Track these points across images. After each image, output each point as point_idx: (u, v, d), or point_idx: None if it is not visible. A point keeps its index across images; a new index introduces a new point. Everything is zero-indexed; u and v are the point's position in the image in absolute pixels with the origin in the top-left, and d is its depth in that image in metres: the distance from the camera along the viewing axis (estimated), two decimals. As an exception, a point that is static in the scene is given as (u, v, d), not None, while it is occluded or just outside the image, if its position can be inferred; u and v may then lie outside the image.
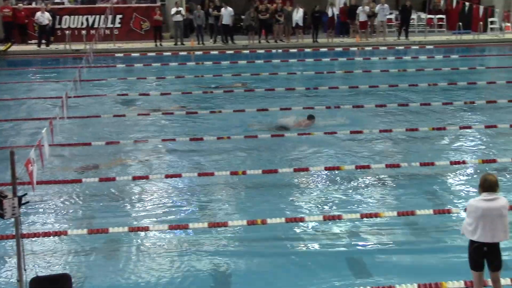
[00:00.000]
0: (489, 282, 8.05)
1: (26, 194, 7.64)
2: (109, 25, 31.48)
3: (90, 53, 25.94)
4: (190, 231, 11.17)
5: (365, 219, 11.60)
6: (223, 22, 30.24)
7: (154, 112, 19.18)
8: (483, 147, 16.11)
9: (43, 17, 29.86)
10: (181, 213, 12.19)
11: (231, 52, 29.41)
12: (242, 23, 31.70)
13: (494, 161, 14.57)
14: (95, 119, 18.49)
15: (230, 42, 30.60)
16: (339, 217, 11.63)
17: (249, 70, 25.56)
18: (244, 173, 13.75)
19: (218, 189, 13.41)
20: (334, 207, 12.37)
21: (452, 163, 14.50)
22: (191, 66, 27.33)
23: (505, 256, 8.01)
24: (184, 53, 29.45)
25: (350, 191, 13.22)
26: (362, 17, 31.12)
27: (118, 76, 25.27)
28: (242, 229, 11.24)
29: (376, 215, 11.70)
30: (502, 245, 7.92)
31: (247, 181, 13.69)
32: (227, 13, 30.19)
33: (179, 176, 13.68)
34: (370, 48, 30.52)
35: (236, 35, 31.20)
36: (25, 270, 7.72)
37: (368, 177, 13.92)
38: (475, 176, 13.62)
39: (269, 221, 11.19)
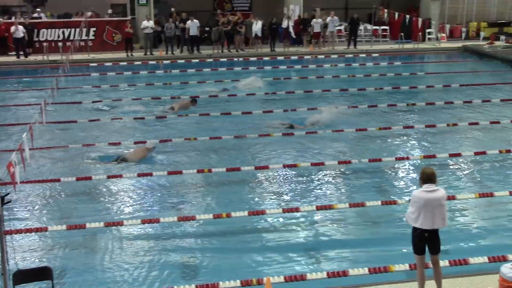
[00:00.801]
0: (430, 264, 8.18)
1: (8, 193, 7.53)
2: (84, 37, 31.17)
3: (66, 63, 25.61)
4: (161, 224, 11.14)
5: (320, 211, 11.71)
6: (190, 33, 30.14)
7: (126, 117, 19.03)
8: (424, 144, 16.35)
9: (18, 31, 29.55)
10: (153, 208, 12.15)
11: (197, 60, 29.30)
12: (206, 34, 31.60)
13: (434, 156, 14.80)
14: (72, 124, 18.27)
15: (196, 51, 30.49)
16: (296, 210, 11.71)
17: (212, 77, 25.52)
18: (210, 171, 13.72)
19: (187, 186, 13.38)
20: (293, 201, 12.45)
21: (397, 159, 14.72)
22: (160, 74, 27.16)
23: (442, 241, 8.14)
24: (153, 62, 29.25)
25: (307, 186, 13.32)
26: (316, 28, 31.31)
27: (93, 84, 24.99)
28: (208, 222, 11.24)
29: (330, 207, 11.81)
30: (440, 231, 8.08)
31: (213, 178, 13.69)
32: (193, 25, 30.11)
33: (150, 175, 13.60)
34: (322, 56, 30.71)
35: (201, 45, 31.12)
36: (8, 264, 7.60)
37: (322, 173, 14.03)
38: (417, 170, 13.82)
39: (233, 214, 11.21)
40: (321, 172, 14.09)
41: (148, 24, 29.68)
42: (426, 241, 7.90)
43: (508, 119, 18.36)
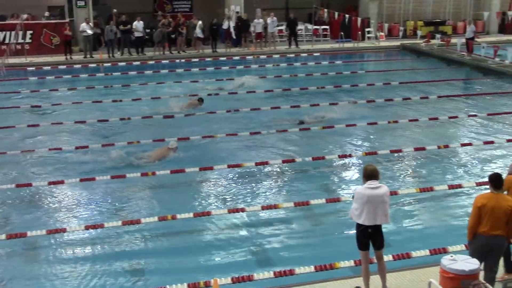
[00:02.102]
0: (375, 259, 8.34)
1: None
2: (20, 40, 30.30)
3: (2, 67, 24.90)
4: (106, 230, 10.98)
5: (265, 210, 11.77)
6: (136, 35, 29.80)
7: (67, 122, 18.65)
8: (366, 141, 16.64)
9: None
10: (96, 214, 11.96)
11: (138, 63, 28.98)
12: (147, 36, 31.26)
13: (375, 153, 15.10)
14: (10, 129, 17.79)
15: (141, 53, 30.14)
16: (242, 210, 11.75)
17: (154, 79, 25.29)
18: (153, 173, 13.61)
19: (131, 189, 13.22)
20: (238, 201, 12.47)
21: (340, 156, 14.92)
22: (101, 77, 26.72)
23: (386, 236, 8.30)
24: (94, 65, 28.76)
25: (252, 185, 13.37)
26: (258, 29, 31.42)
27: (31, 88, 24.35)
28: (154, 225, 11.15)
29: (275, 207, 11.89)
30: (383, 227, 8.24)
31: (157, 181, 13.57)
32: (140, 26, 29.80)
33: (93, 179, 13.38)
34: (264, 56, 30.85)
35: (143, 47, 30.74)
36: None
37: (267, 172, 14.11)
38: (360, 167, 14.08)
39: (178, 216, 11.16)
40: (265, 171, 14.17)
41: (87, 26, 29.16)
42: (369, 237, 8.05)
43: (446, 115, 18.91)
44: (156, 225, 11.15)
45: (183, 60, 29.44)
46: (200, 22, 30.58)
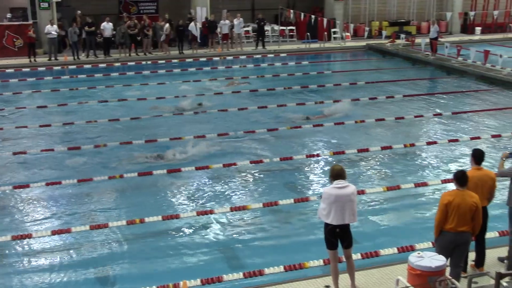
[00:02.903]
0: (343, 258, 8.39)
1: None
2: (-19, 43, 29.79)
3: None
4: (73, 234, 10.85)
5: (234, 211, 11.76)
6: (105, 36, 29.48)
7: (32, 125, 18.38)
8: (333, 141, 16.72)
9: None
10: (63, 219, 11.79)
11: (104, 65, 28.68)
12: (113, 38, 30.94)
13: (343, 152, 15.20)
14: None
15: (108, 55, 29.81)
16: (211, 212, 11.73)
17: (121, 81, 25.07)
18: (121, 176, 13.50)
19: (98, 193, 13.08)
20: (206, 203, 12.44)
21: (307, 156, 14.99)
22: (66, 79, 26.38)
23: (354, 235, 8.37)
24: (59, 67, 28.37)
25: (220, 187, 13.34)
26: (224, 30, 31.38)
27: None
28: (122, 229, 11.05)
29: (244, 208, 11.90)
30: (351, 226, 8.30)
31: (125, 184, 13.46)
32: (108, 27, 29.50)
33: (59, 183, 13.20)
34: (231, 57, 30.84)
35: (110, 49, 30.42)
36: None
37: (235, 174, 14.09)
38: (327, 167, 14.14)
39: (147, 219, 11.09)
40: (233, 172, 14.15)
41: (51, 28, 28.76)
42: (338, 236, 8.09)
43: (411, 114, 19.15)
44: (125, 228, 11.05)
45: (149, 62, 29.25)
46: (167, 25, 30.40)
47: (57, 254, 10.34)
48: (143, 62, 29.16)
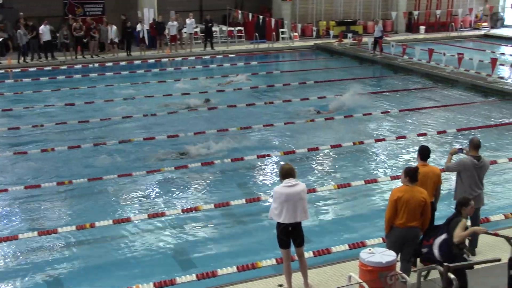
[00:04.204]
0: (296, 257, 8.44)
1: None
2: None
3: None
4: (21, 241, 10.60)
5: (186, 213, 11.71)
6: (44, 39, 28.80)
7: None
8: (284, 140, 16.82)
9: None
10: (10, 225, 11.51)
11: (49, 68, 28.08)
12: (57, 40, 30.34)
13: (293, 152, 15.30)
14: None
15: (51, 58, 29.19)
16: (162, 214, 11.64)
17: (67, 84, 24.61)
18: (70, 182, 13.26)
19: (46, 199, 12.82)
20: (158, 205, 12.35)
21: (258, 156, 15.02)
22: (10, 83, 25.72)
23: (306, 233, 8.43)
24: (2, 71, 27.63)
25: (172, 189, 13.26)
26: (172, 31, 31.16)
27: None
28: (72, 234, 10.86)
29: (195, 209, 11.86)
30: (303, 224, 8.36)
31: (74, 189, 13.23)
32: (47, 30, 28.82)
33: (5, 191, 12.88)
34: (180, 58, 30.64)
35: (54, 51, 29.77)
36: None
37: (186, 175, 14.02)
38: (278, 166, 14.19)
39: (97, 224, 10.93)
40: (185, 174, 14.08)
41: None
42: (290, 235, 8.14)
43: (360, 113, 19.41)
44: (75, 234, 10.87)
45: (96, 65, 28.79)
46: (115, 27, 29.99)
47: (4, 262, 10.10)
48: (90, 65, 28.68)
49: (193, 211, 11.81)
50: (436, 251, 8.22)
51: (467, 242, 8.63)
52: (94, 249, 10.59)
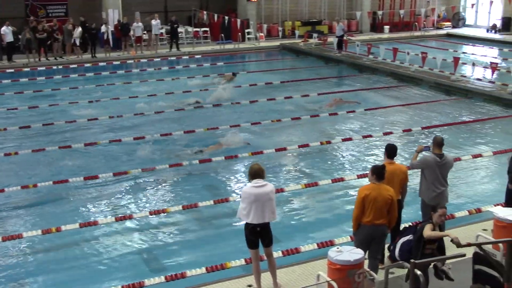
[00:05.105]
0: (265, 257, 8.46)
1: None
2: None
3: None
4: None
5: (154, 215, 11.65)
6: (6, 40, 28.29)
7: None
8: (251, 141, 16.76)
9: None
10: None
11: (12, 70, 27.60)
12: (19, 42, 29.83)
13: (261, 152, 15.31)
14: None
15: (11, 60, 28.65)
16: (130, 217, 11.57)
17: (30, 87, 24.24)
18: (35, 186, 13.08)
19: (10, 203, 12.61)
20: (125, 208, 12.26)
21: (226, 157, 15.00)
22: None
23: (275, 233, 8.46)
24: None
25: (139, 191, 13.18)
26: (137, 32, 30.92)
27: None
28: (37, 239, 10.71)
29: (163, 211, 11.80)
30: (272, 224, 8.39)
31: (39, 193, 13.05)
32: (9, 31, 28.32)
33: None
34: (145, 60, 30.41)
35: (15, 53, 29.27)
36: None
37: (154, 178, 13.94)
38: (246, 167, 14.21)
39: (63, 228, 10.81)
40: (152, 176, 14.00)
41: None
42: (258, 235, 8.16)
43: (326, 112, 19.55)
44: (40, 238, 10.72)
45: (60, 67, 28.41)
46: (80, 29, 29.60)
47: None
48: (54, 67, 28.29)
49: (161, 213, 11.76)
50: (397, 250, 8.36)
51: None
52: (61, 254, 10.46)
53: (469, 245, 7.35)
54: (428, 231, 7.87)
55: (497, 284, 7.53)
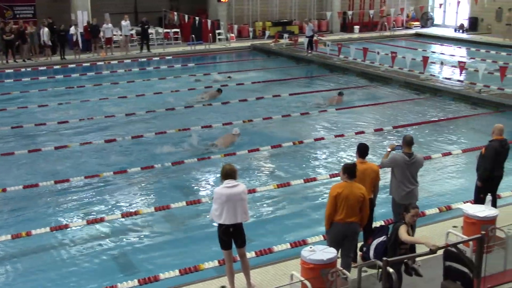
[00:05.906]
0: (238, 258, 8.46)
1: None
2: None
3: None
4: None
5: (126, 218, 11.57)
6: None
7: None
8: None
9: None
10: None
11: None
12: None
13: (234, 154, 15.30)
14: None
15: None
16: (101, 219, 11.47)
17: (-1, 90, 23.94)
18: (4, 190, 12.89)
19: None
20: (96, 211, 12.13)
21: (198, 159, 14.96)
22: None
23: (247, 233, 8.46)
24: None
25: (111, 194, 13.07)
26: (107, 34, 30.66)
27: None
28: (7, 244, 10.57)
29: (136, 213, 11.73)
30: (244, 225, 8.39)
31: (9, 198, 12.86)
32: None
33: None
34: (116, 61, 30.18)
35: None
36: None
37: (125, 180, 13.84)
38: (218, 168, 14.18)
39: (33, 232, 10.67)
40: (124, 179, 13.90)
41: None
42: (231, 235, 8.15)
43: (298, 112, 19.63)
44: (9, 243, 10.57)
45: (29, 69, 28.03)
46: (46, 29, 29.24)
47: None
48: (22, 69, 27.91)
49: (133, 215, 11.68)
50: (371, 252, 8.42)
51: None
52: (32, 258, 10.31)
53: (446, 246, 7.43)
54: (404, 235, 7.87)
55: (467, 280, 7.64)
